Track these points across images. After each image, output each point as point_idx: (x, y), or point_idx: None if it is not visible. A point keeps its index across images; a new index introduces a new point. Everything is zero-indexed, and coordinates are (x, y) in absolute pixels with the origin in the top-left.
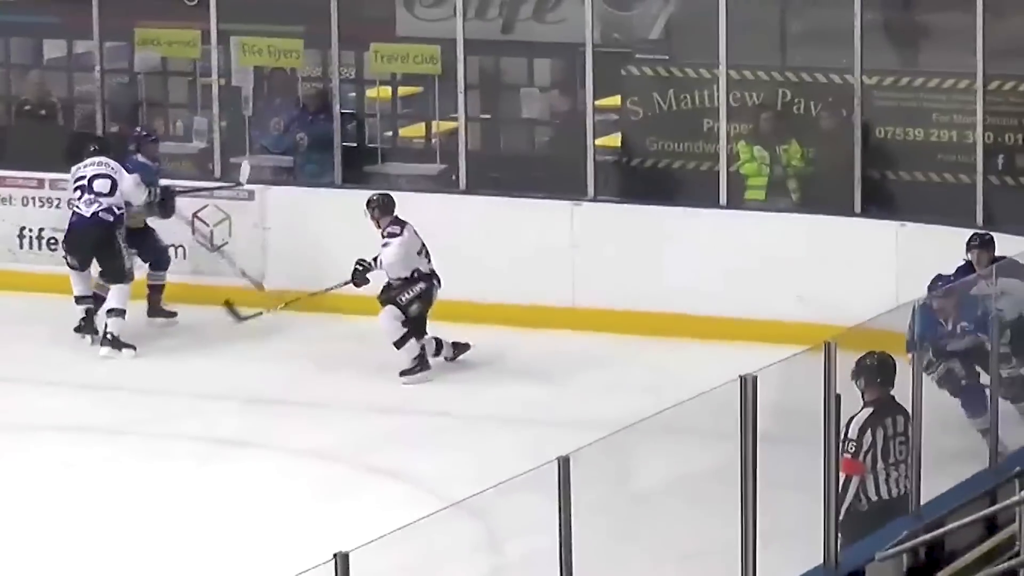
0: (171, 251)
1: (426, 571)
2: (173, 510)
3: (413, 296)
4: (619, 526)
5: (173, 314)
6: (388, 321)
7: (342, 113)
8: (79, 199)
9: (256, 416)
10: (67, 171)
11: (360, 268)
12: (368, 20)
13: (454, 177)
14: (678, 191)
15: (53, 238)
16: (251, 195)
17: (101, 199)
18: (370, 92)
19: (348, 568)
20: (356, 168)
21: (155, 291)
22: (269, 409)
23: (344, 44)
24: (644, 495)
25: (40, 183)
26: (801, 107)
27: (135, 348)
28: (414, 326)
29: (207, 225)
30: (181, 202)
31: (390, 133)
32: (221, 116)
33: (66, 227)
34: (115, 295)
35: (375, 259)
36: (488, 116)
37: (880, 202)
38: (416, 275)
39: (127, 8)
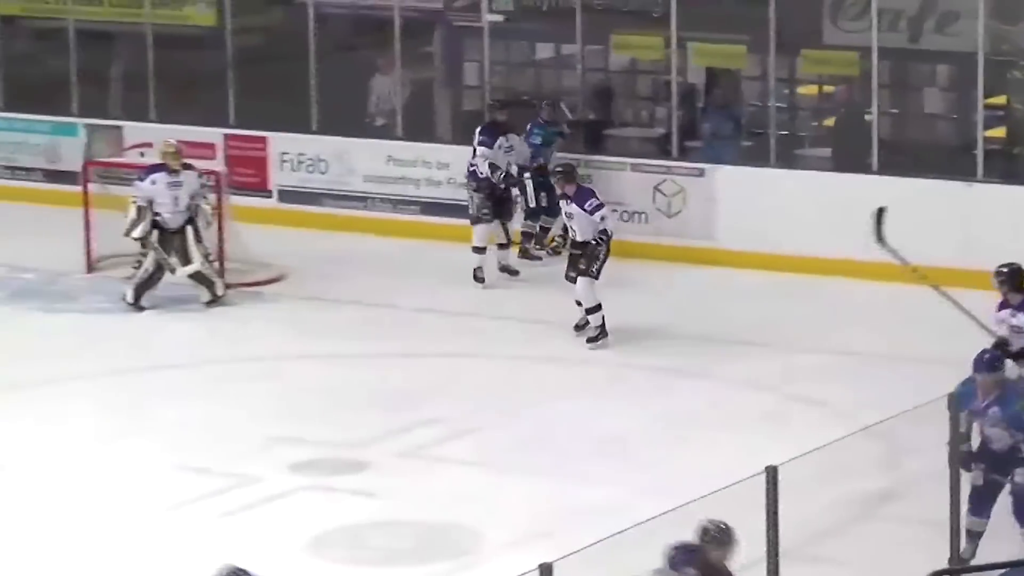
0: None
1: (838, 482)
2: (629, 428)
3: (601, 264)
4: None
5: (538, 258)
6: (586, 290)
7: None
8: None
9: (700, 352)
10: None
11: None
12: (800, 30)
13: (867, 160)
14: None
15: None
16: (702, 173)
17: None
18: (800, 89)
19: (777, 479)
20: (786, 151)
21: (525, 237)
22: (706, 346)
23: (780, 50)
24: None
25: None
26: None
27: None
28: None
29: (665, 196)
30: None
31: (816, 123)
32: (678, 107)
33: None
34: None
35: (603, 232)
36: (896, 111)
37: None
38: (601, 239)
39: (604, 19)
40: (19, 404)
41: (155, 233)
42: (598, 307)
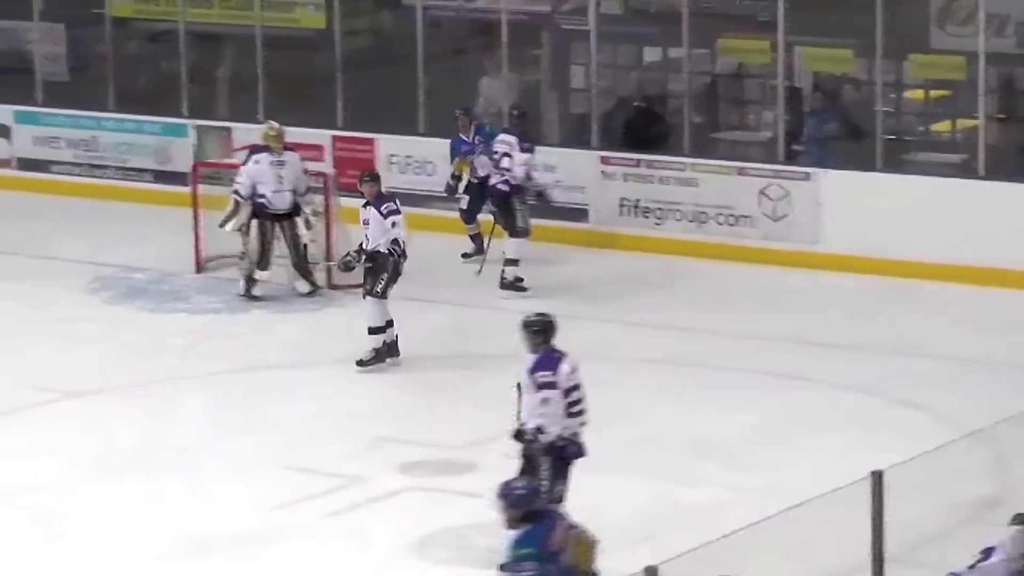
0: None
1: (944, 487)
2: (734, 431)
3: (387, 282)
4: None
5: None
6: (371, 309)
7: None
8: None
9: (805, 356)
10: (653, 153)
11: (351, 258)
12: (907, 35)
13: (974, 165)
14: None
15: (647, 207)
16: (808, 177)
17: (504, 172)
18: (907, 94)
19: (882, 483)
20: (893, 156)
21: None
22: (810, 349)
23: (887, 54)
24: None
25: (637, 162)
26: None
27: (528, 290)
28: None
29: (771, 199)
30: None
31: (922, 128)
32: (785, 111)
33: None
34: (511, 247)
35: (394, 241)
36: (1003, 116)
37: None
38: (392, 249)
39: (711, 23)
40: (127, 403)
41: (254, 224)
42: (380, 329)
